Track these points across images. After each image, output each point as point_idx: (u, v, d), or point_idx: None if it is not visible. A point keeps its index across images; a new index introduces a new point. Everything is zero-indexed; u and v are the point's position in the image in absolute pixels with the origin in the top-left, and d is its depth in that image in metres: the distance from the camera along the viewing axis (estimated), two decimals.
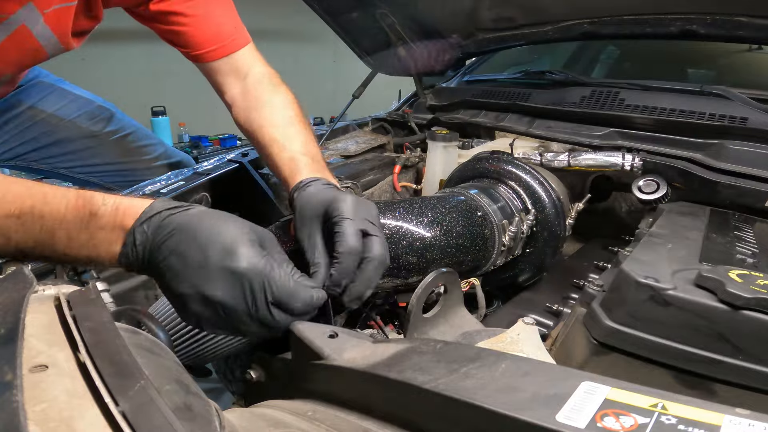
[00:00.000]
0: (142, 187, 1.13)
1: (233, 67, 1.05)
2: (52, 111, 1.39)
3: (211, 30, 1.04)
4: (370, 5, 1.42)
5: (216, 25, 1.04)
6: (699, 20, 1.11)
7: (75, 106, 1.43)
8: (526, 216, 1.02)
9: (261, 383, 0.68)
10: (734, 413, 0.35)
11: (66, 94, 1.43)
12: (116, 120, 1.48)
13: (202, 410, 0.40)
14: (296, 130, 0.94)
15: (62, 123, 1.41)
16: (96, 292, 0.48)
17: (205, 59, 1.05)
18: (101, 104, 1.48)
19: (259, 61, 1.08)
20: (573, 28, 1.31)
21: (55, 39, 1.03)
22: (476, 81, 1.75)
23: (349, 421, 0.46)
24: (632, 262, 0.67)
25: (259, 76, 1.05)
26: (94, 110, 1.46)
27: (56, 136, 1.41)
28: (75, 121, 1.42)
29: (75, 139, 1.43)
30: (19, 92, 1.35)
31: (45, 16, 0.97)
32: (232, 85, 1.06)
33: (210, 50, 1.04)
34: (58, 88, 1.42)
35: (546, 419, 0.35)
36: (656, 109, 1.14)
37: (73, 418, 0.32)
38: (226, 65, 1.05)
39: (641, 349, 0.62)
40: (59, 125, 1.41)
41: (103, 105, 1.48)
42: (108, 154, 1.47)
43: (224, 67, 1.05)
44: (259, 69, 1.06)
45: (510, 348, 0.67)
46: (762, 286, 0.56)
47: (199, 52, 1.04)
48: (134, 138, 1.51)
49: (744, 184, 0.97)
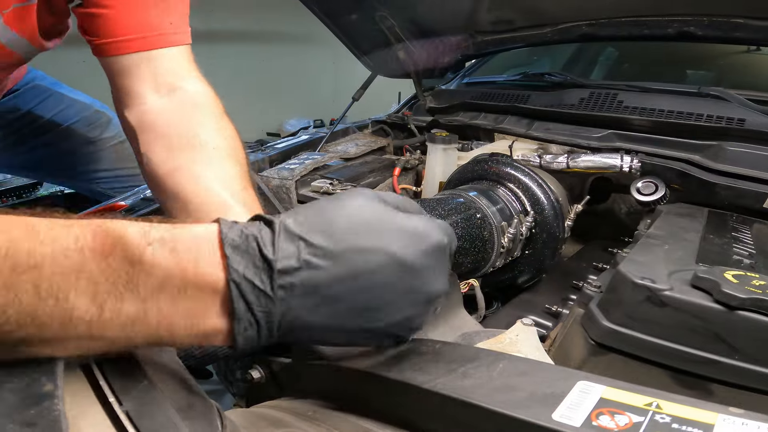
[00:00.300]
0: (142, 190, 1.13)
1: (153, 72, 0.76)
2: (50, 117, 1.38)
3: (138, 16, 0.76)
4: (370, 7, 1.43)
5: (147, 11, 0.77)
6: (696, 22, 1.12)
7: (72, 111, 1.42)
8: (525, 218, 1.02)
9: (262, 384, 0.68)
10: (728, 412, 0.36)
11: (63, 98, 1.42)
12: (113, 125, 1.47)
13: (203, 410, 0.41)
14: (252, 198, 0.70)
15: (60, 129, 1.39)
16: None
17: (116, 50, 0.76)
18: (98, 109, 1.46)
19: (194, 73, 0.79)
20: (572, 30, 1.31)
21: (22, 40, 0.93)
22: (476, 83, 1.76)
23: (350, 421, 0.47)
24: (629, 263, 0.67)
25: (196, 96, 0.76)
26: (92, 115, 1.44)
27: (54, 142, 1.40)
28: (73, 126, 1.41)
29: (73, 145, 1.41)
30: (16, 97, 1.33)
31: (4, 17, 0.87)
32: (147, 97, 0.75)
33: (125, 39, 0.76)
34: (55, 92, 1.41)
35: (542, 418, 0.36)
36: (654, 110, 1.14)
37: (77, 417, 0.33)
38: (143, 66, 0.76)
39: (638, 349, 0.63)
40: (57, 131, 1.39)
41: (100, 109, 1.47)
42: (105, 159, 1.45)
43: (140, 69, 0.76)
44: (195, 86, 0.77)
45: (509, 349, 0.67)
46: (757, 287, 0.56)
47: (110, 41, 0.76)
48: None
49: (742, 186, 0.98)
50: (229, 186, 0.68)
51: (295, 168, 1.25)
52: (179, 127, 0.72)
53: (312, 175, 1.28)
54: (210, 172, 0.69)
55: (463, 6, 1.39)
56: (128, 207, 1.02)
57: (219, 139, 0.72)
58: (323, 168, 1.33)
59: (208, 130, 0.72)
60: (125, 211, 1.00)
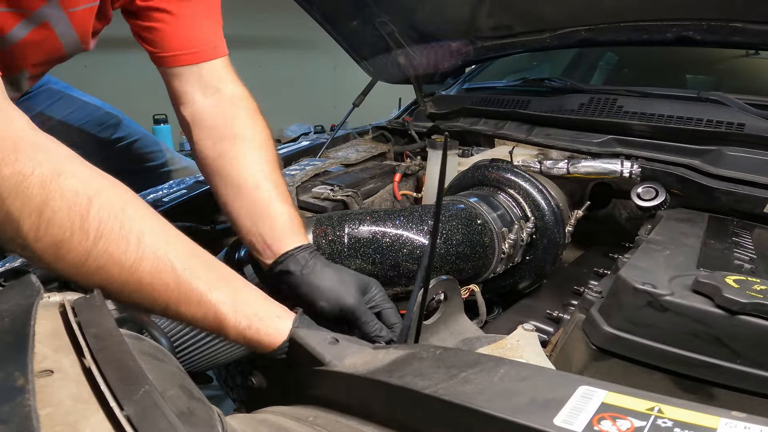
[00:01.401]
0: (144, 195, 1.13)
1: (201, 79, 0.92)
2: (61, 118, 1.40)
3: (190, 33, 0.92)
4: (370, 14, 1.43)
5: (197, 30, 0.93)
6: (695, 26, 1.12)
7: (83, 113, 1.44)
8: (526, 224, 1.02)
9: (262, 389, 0.68)
10: (730, 416, 0.36)
11: (74, 100, 1.44)
12: (123, 127, 1.50)
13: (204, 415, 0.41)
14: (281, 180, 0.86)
15: (71, 130, 1.42)
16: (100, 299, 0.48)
17: (173, 63, 0.93)
18: (109, 111, 1.49)
19: (233, 79, 0.95)
20: (571, 36, 1.32)
21: (76, 38, 0.99)
22: (476, 89, 1.77)
23: (350, 426, 0.47)
24: (630, 268, 0.67)
25: (234, 98, 0.92)
26: (102, 117, 1.47)
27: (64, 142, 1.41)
28: (83, 128, 1.43)
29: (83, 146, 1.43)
30: (28, 99, 1.36)
31: (70, 16, 0.94)
32: (196, 98, 0.92)
33: (180, 54, 0.92)
34: (66, 95, 1.43)
35: (544, 423, 0.36)
36: (654, 115, 1.15)
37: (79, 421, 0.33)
38: (194, 74, 0.92)
39: (640, 354, 0.63)
40: (68, 132, 1.41)
41: (111, 112, 1.50)
42: (115, 160, 1.47)
43: (191, 77, 0.92)
44: (234, 89, 0.93)
45: (510, 354, 0.67)
46: (758, 291, 0.56)
47: (168, 54, 0.92)
48: (141, 145, 1.52)
49: (742, 190, 0.98)
50: (262, 169, 0.84)
51: (295, 174, 1.25)
52: (221, 123, 0.88)
53: (313, 181, 1.28)
54: (245, 158, 0.85)
55: (463, 12, 1.40)
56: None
57: (252, 132, 0.88)
58: (324, 174, 1.33)
59: (243, 125, 0.88)
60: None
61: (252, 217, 0.81)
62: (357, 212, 0.93)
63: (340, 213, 0.95)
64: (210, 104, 0.90)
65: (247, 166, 0.84)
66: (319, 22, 1.43)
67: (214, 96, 0.91)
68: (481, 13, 1.38)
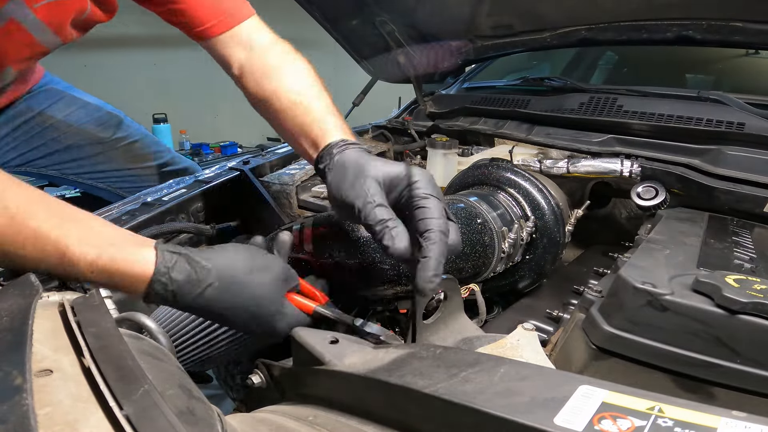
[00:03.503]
0: (144, 195, 1.13)
1: (238, 40, 1.00)
2: (62, 117, 1.41)
3: (210, 4, 0.99)
4: (370, 13, 1.43)
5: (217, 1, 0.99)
6: (695, 26, 1.12)
7: (84, 112, 1.45)
8: (526, 223, 1.02)
9: (262, 389, 0.68)
10: (730, 416, 0.36)
11: (75, 100, 1.45)
12: (124, 126, 1.51)
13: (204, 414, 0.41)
14: (319, 92, 0.91)
15: (71, 129, 1.43)
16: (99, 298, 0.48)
17: (208, 35, 1.00)
18: (110, 110, 1.50)
19: (265, 30, 1.02)
20: (571, 35, 1.32)
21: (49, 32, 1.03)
22: (476, 88, 1.76)
23: (350, 426, 0.47)
24: (630, 267, 0.67)
25: (267, 44, 0.99)
26: (103, 116, 1.48)
27: (65, 142, 1.43)
28: (84, 127, 1.44)
29: (84, 145, 1.45)
30: (30, 98, 1.37)
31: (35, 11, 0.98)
32: (238, 56, 1.00)
33: (211, 25, 0.99)
34: (67, 95, 1.44)
35: (544, 422, 0.35)
36: (654, 115, 1.14)
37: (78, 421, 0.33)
38: (230, 39, 1.00)
39: (640, 353, 0.62)
40: (68, 131, 1.42)
41: (112, 111, 1.51)
42: (116, 160, 1.48)
43: (228, 41, 1.00)
44: (267, 37, 1.01)
45: (510, 353, 0.67)
46: (759, 291, 0.56)
47: (201, 29, 0.99)
48: (142, 144, 1.53)
49: (742, 190, 0.98)
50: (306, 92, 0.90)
51: (295, 173, 1.25)
52: (261, 68, 0.96)
53: (312, 180, 1.28)
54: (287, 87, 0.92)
55: (463, 11, 1.40)
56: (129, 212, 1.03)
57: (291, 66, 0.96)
58: None
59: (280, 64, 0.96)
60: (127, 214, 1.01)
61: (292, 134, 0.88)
62: None
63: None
64: (249, 56, 0.98)
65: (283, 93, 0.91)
66: (319, 22, 1.43)
67: (252, 51, 0.99)
68: (481, 12, 1.38)
